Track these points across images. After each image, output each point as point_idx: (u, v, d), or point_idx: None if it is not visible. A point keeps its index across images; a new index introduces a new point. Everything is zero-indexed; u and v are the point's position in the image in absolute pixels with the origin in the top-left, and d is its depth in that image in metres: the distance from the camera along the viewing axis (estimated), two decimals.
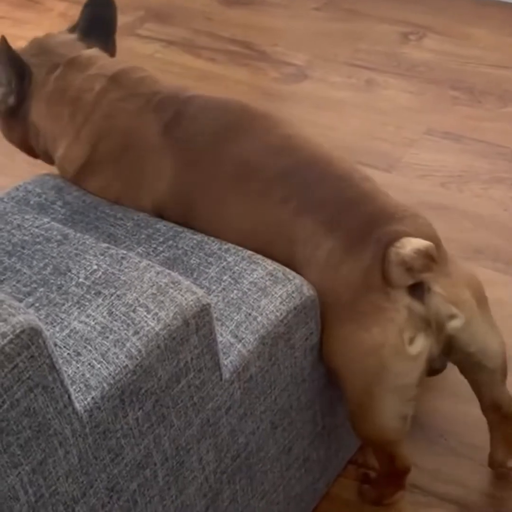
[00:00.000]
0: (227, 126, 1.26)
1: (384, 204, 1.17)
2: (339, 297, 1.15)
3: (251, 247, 1.21)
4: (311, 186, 1.19)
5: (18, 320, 0.80)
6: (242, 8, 2.69)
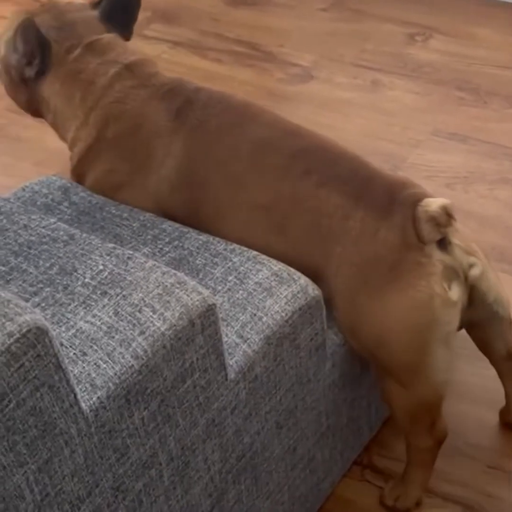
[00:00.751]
0: (239, 113, 1.31)
1: (394, 176, 1.27)
2: (381, 260, 1.19)
3: (266, 222, 1.25)
4: (329, 163, 1.25)
5: (24, 320, 0.80)
6: (248, 9, 2.69)
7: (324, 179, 1.24)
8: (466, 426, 1.45)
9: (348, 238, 1.21)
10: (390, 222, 1.19)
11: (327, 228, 1.22)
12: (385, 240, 1.19)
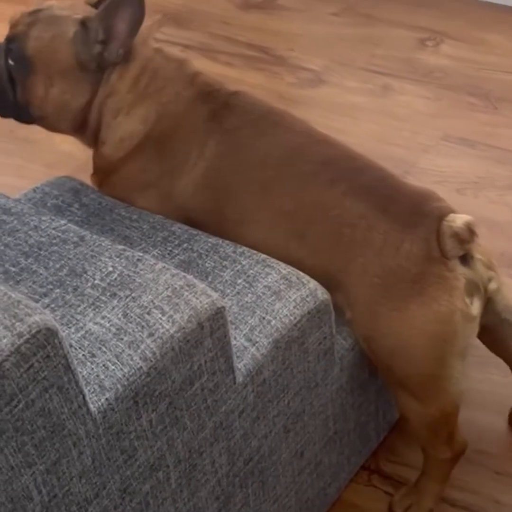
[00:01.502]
0: (272, 120, 1.33)
1: (419, 187, 1.28)
2: (404, 273, 1.20)
3: (289, 228, 1.26)
4: (356, 173, 1.27)
5: (34, 320, 0.81)
6: (259, 13, 2.69)
7: (349, 189, 1.25)
8: (474, 432, 1.45)
9: (371, 249, 1.22)
10: (414, 235, 1.20)
11: (350, 237, 1.23)
12: (409, 253, 1.20)
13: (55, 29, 1.32)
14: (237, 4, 2.73)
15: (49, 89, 1.33)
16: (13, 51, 1.34)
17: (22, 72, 1.34)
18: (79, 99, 1.34)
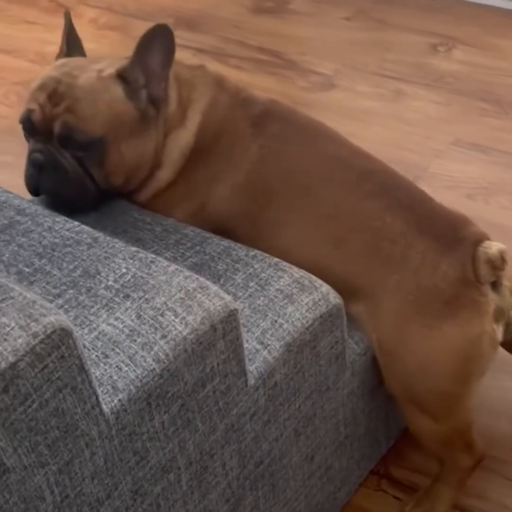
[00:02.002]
0: (313, 129, 1.35)
1: (454, 211, 1.30)
2: (439, 293, 1.23)
3: (325, 233, 1.27)
4: (396, 189, 1.29)
5: (49, 321, 0.81)
6: (271, 17, 2.70)
7: (390, 203, 1.27)
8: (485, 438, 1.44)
9: (408, 267, 1.24)
10: (451, 258, 1.23)
11: (388, 252, 1.25)
12: (445, 274, 1.23)
13: (104, 98, 1.26)
14: (249, 8, 2.74)
15: (126, 153, 1.28)
16: (77, 142, 1.26)
17: (96, 155, 1.27)
18: (151, 146, 1.30)
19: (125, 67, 1.28)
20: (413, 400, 1.29)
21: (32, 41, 2.67)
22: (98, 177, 1.29)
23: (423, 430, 1.33)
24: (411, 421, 1.34)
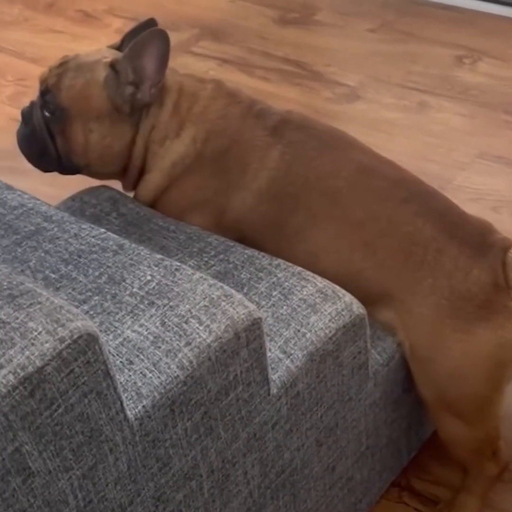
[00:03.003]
0: (336, 136, 1.36)
1: (478, 218, 1.32)
2: (472, 297, 1.24)
3: (356, 238, 1.28)
4: (426, 196, 1.31)
5: (76, 326, 0.81)
6: (297, 28, 2.71)
7: (421, 210, 1.28)
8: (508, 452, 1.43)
9: (441, 271, 1.25)
10: (483, 263, 1.24)
11: (421, 257, 1.26)
12: (477, 279, 1.24)
13: (85, 76, 1.33)
14: (274, 19, 2.75)
15: (88, 136, 1.34)
16: (48, 104, 1.35)
17: (59, 123, 1.34)
18: (120, 141, 1.35)
19: (118, 58, 1.33)
20: (447, 405, 1.29)
21: (58, 50, 2.68)
22: (60, 146, 1.37)
23: (455, 436, 1.33)
24: (442, 427, 1.34)
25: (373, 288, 1.25)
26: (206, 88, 1.37)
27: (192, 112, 1.35)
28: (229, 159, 1.34)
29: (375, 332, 1.30)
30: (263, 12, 2.78)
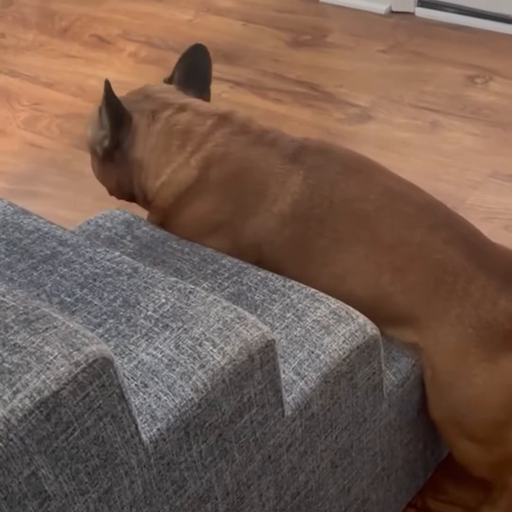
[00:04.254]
0: (356, 160, 1.36)
1: (503, 246, 1.33)
2: (499, 327, 1.24)
3: (385, 262, 1.28)
4: (453, 222, 1.31)
5: (91, 350, 0.82)
6: (309, 50, 2.72)
7: (451, 237, 1.29)
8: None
9: (469, 301, 1.25)
10: (510, 294, 1.25)
11: (451, 286, 1.26)
12: (505, 309, 1.25)
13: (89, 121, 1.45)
14: (287, 41, 2.77)
15: (93, 167, 1.50)
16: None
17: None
18: (109, 179, 1.47)
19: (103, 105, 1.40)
20: (463, 430, 1.30)
21: (73, 75, 2.72)
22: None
23: (472, 459, 1.33)
24: (458, 451, 1.34)
25: (400, 312, 1.27)
26: (205, 123, 1.38)
27: (186, 148, 1.37)
28: (242, 186, 1.35)
29: (389, 353, 1.30)
30: (275, 34, 2.80)
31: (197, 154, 1.36)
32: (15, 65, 2.77)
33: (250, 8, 2.94)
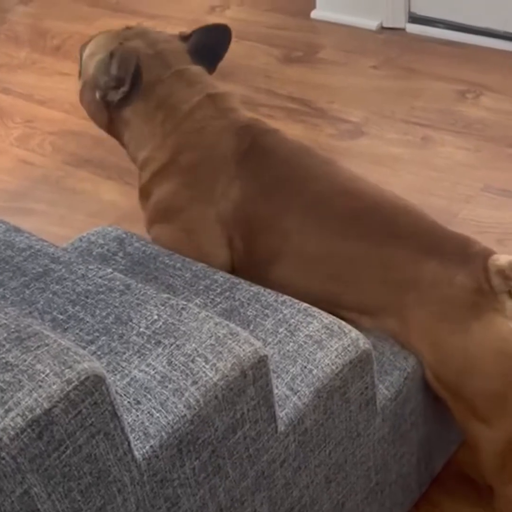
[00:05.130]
0: (299, 166, 1.39)
1: (457, 233, 1.36)
2: (460, 301, 1.29)
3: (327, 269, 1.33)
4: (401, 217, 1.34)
5: (83, 367, 0.82)
6: (301, 66, 2.74)
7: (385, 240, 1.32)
8: None
9: (423, 283, 1.30)
10: (466, 271, 1.30)
11: (400, 276, 1.30)
12: (462, 285, 1.29)
13: (95, 49, 1.47)
14: (279, 58, 2.78)
15: (82, 95, 1.53)
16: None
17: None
18: (100, 117, 1.50)
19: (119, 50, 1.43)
20: (467, 406, 1.32)
21: (66, 92, 2.73)
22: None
23: (481, 439, 1.34)
24: (468, 433, 1.36)
25: (354, 308, 1.33)
26: (190, 100, 1.42)
27: (165, 124, 1.42)
28: (201, 173, 1.40)
29: (382, 366, 1.30)
30: (267, 51, 2.81)
31: (174, 135, 1.40)
32: (8, 83, 2.78)
33: (243, 25, 2.95)
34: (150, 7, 3.11)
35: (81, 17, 3.08)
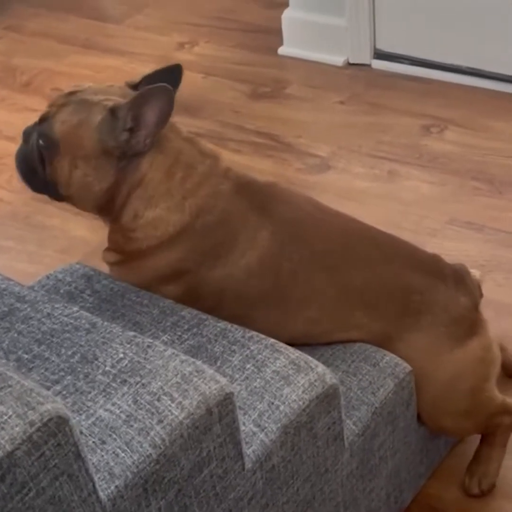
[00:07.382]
0: (315, 210, 1.44)
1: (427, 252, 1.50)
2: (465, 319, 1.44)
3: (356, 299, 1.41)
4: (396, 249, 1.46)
5: (46, 409, 0.82)
6: (268, 101, 2.77)
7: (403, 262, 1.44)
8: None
9: (437, 306, 1.42)
10: (464, 290, 1.45)
11: (419, 300, 1.42)
12: (465, 304, 1.45)
13: (82, 115, 1.36)
14: (246, 93, 2.81)
15: (73, 171, 1.37)
16: (42, 132, 1.38)
17: (50, 152, 1.38)
18: (102, 183, 1.37)
19: (119, 105, 1.35)
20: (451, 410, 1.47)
21: None
22: (48, 173, 1.40)
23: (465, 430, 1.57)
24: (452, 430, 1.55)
25: (371, 337, 1.42)
26: (203, 163, 1.38)
27: (185, 184, 1.37)
28: (215, 235, 1.38)
29: (349, 402, 1.31)
30: (235, 86, 2.84)
31: (193, 198, 1.36)
32: None
33: (210, 61, 2.98)
34: (119, 44, 3.14)
35: (51, 53, 3.10)
